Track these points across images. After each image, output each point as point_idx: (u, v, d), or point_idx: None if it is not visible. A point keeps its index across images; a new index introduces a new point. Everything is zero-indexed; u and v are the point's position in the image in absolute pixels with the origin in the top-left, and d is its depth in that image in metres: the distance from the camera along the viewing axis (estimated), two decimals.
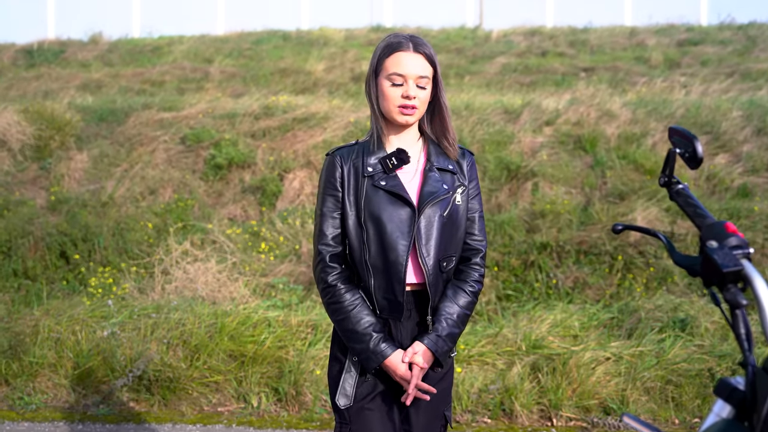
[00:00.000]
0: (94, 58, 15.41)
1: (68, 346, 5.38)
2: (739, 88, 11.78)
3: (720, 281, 1.55)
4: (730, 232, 1.60)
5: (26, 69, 15.16)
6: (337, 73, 14.42)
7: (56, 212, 8.34)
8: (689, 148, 1.81)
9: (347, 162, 2.50)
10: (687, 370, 5.03)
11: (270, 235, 7.80)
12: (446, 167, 2.53)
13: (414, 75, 2.41)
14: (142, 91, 13.42)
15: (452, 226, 2.49)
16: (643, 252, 7.28)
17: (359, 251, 2.47)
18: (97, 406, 5.06)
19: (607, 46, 15.41)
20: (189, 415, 4.97)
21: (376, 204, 2.44)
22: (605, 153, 8.63)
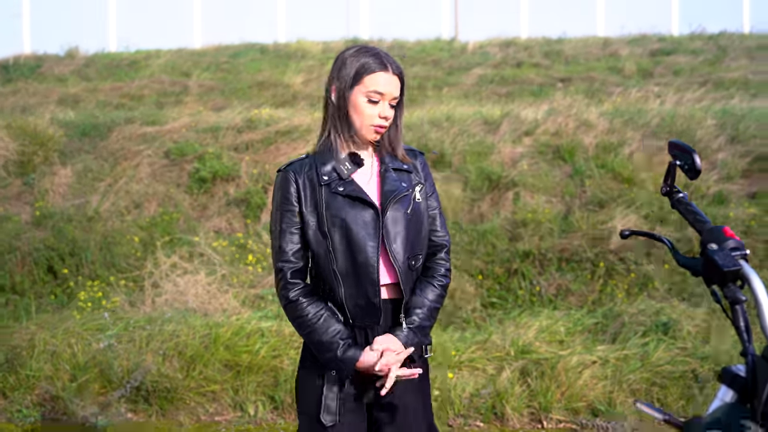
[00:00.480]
0: (71, 73, 15.39)
1: (64, 358, 5.46)
2: (712, 97, 11.97)
3: (720, 280, 1.73)
4: (728, 235, 1.77)
5: (2, 84, 15.09)
6: (315, 86, 14.48)
7: (42, 227, 8.38)
8: (688, 160, 1.96)
9: (301, 175, 2.45)
10: (671, 372, 5.20)
11: (256, 247, 7.90)
12: (401, 167, 2.52)
13: (390, 96, 2.43)
14: (120, 106, 13.42)
15: (417, 224, 2.47)
16: (623, 258, 7.44)
17: (325, 260, 2.41)
18: (95, 417, 5.14)
19: (582, 56, 15.54)
20: (187, 425, 5.08)
21: (337, 210, 2.40)
22: (584, 162, 8.78)
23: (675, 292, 7.10)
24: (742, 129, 9.11)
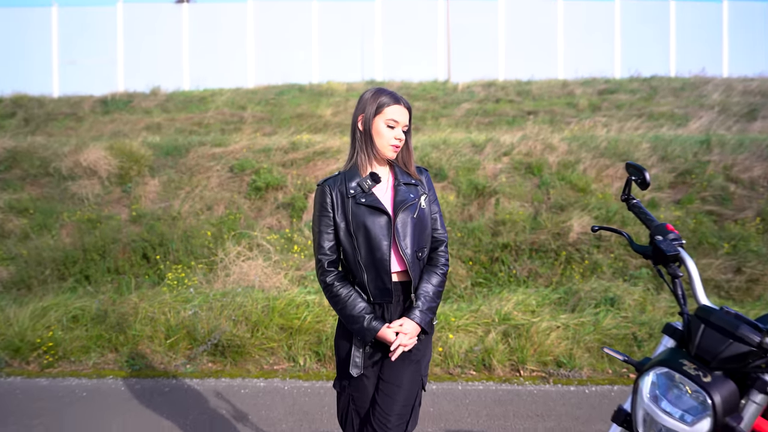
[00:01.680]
0: (154, 106, 15.48)
1: (160, 322, 5.63)
2: (647, 126, 12.01)
3: (664, 262, 1.89)
4: (669, 230, 1.94)
5: (102, 115, 15.21)
6: (341, 117, 14.54)
7: (137, 224, 8.53)
8: (641, 176, 2.10)
9: (334, 189, 2.51)
10: (616, 334, 5.31)
11: (300, 240, 8.02)
12: (410, 182, 2.57)
13: (403, 123, 2.53)
14: (193, 132, 13.51)
15: (421, 225, 2.52)
16: (579, 249, 7.54)
17: (352, 254, 2.47)
18: (184, 366, 5.30)
19: (545, 94, 15.54)
20: (253, 372, 5.22)
21: (360, 217, 2.45)
22: (549, 176, 8.86)
23: (618, 274, 7.20)
24: (670, 151, 9.18)
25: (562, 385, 4.82)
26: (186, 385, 4.95)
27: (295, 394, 4.70)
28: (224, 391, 4.77)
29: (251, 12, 18.10)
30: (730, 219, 8.00)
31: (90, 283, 7.57)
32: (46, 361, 5.39)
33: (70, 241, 8.07)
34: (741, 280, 6.99)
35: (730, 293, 6.82)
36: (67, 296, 6.48)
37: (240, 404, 4.50)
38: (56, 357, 5.43)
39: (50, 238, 8.18)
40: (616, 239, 7.61)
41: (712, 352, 1.65)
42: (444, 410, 4.32)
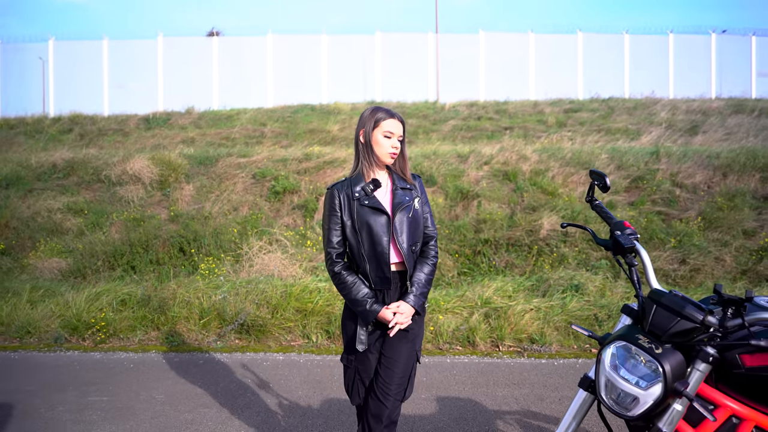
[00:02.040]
0: (189, 123, 15.46)
1: (195, 305, 5.62)
2: (605, 140, 12.03)
3: (623, 253, 1.89)
4: (626, 226, 1.94)
5: (145, 131, 15.21)
6: (347, 132, 14.53)
7: (175, 222, 8.53)
8: (602, 181, 2.10)
9: (342, 192, 2.50)
10: (580, 316, 5.32)
11: (312, 236, 8.02)
12: (406, 186, 2.56)
13: (398, 134, 2.51)
14: (221, 145, 13.50)
15: (415, 223, 2.51)
16: (549, 244, 7.55)
17: (357, 248, 2.47)
18: (215, 342, 5.30)
19: (520, 113, 15.54)
20: (273, 347, 5.22)
21: (364, 216, 2.46)
22: (522, 182, 8.86)
23: (582, 265, 7.20)
24: (625, 160, 9.18)
25: (535, 359, 4.82)
26: (217, 358, 4.95)
27: (309, 366, 4.70)
28: (249, 364, 4.77)
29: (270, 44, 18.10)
30: (676, 218, 8.01)
31: (135, 272, 7.57)
32: (99, 338, 5.38)
33: (119, 237, 8.06)
34: (685, 270, 6.99)
35: (676, 281, 6.82)
36: (116, 283, 6.47)
37: (262, 375, 4.50)
38: (107, 335, 5.42)
39: (102, 235, 8.17)
40: (580, 235, 7.61)
41: (663, 328, 1.65)
42: (435, 380, 4.32)
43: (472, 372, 4.48)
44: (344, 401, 3.92)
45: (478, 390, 4.09)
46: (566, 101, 16.38)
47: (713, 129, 12.96)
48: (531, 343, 5.09)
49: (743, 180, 8.62)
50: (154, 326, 5.55)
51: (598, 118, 14.55)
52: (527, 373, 4.45)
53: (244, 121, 15.45)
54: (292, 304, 5.55)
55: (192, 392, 4.13)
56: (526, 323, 5.20)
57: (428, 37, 18.25)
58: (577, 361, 4.76)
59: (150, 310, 5.68)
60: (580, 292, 5.76)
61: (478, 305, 5.49)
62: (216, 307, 5.58)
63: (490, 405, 3.81)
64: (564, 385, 4.18)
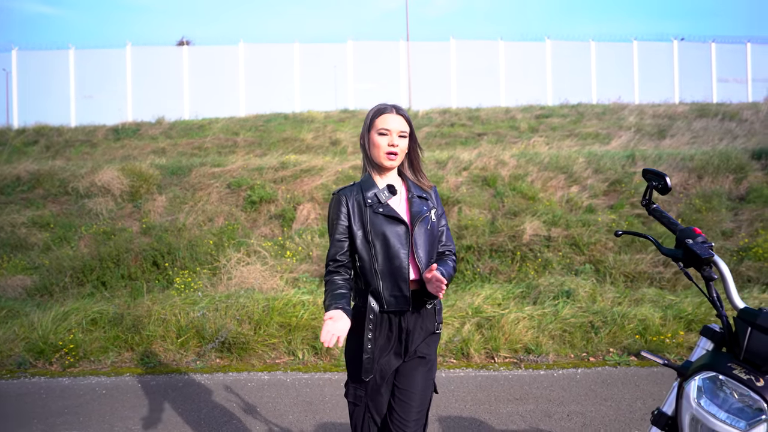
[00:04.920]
0: (159, 134, 14.90)
1: (172, 323, 5.20)
2: (579, 144, 11.97)
3: (697, 264, 1.59)
4: (698, 233, 1.64)
5: (114, 142, 14.59)
6: (321, 140, 14.19)
7: (147, 235, 8.06)
8: (661, 181, 1.79)
9: (350, 198, 2.18)
10: (574, 323, 5.08)
11: (291, 246, 7.67)
12: (422, 195, 2.24)
13: (396, 129, 2.16)
14: (193, 154, 13.00)
15: (432, 236, 2.21)
16: (532, 249, 7.32)
17: (369, 262, 2.13)
18: (195, 362, 4.90)
19: (492, 119, 15.44)
20: (257, 366, 4.85)
21: (378, 225, 2.13)
22: (502, 187, 8.67)
23: (566, 270, 7.00)
24: (602, 164, 9.06)
25: (533, 370, 4.55)
26: (197, 380, 4.55)
27: (297, 386, 4.34)
28: (232, 385, 4.38)
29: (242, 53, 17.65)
30: (655, 221, 7.87)
31: (106, 288, 7.08)
32: (68, 361, 4.92)
33: (88, 251, 7.56)
34: (669, 272, 6.84)
35: (661, 283, 6.66)
36: (85, 301, 5.99)
37: (248, 397, 4.12)
38: (77, 357, 4.96)
39: (69, 249, 7.66)
40: (563, 239, 7.41)
41: (764, 356, 1.37)
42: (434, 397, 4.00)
43: (470, 387, 4.18)
44: (340, 425, 3.57)
45: (480, 407, 3.79)
46: (537, 107, 16.35)
47: (680, 132, 13.02)
48: (527, 353, 4.81)
49: (718, 181, 8.56)
50: (128, 347, 5.11)
51: (568, 124, 14.52)
52: (528, 387, 4.17)
53: (216, 131, 14.98)
54: (276, 319, 5.18)
55: (172, 420, 3.72)
56: (520, 332, 4.93)
57: (400, 45, 18.05)
58: (576, 371, 4.50)
59: (123, 330, 5.23)
60: (572, 298, 5.52)
61: (470, 315, 5.21)
62: (194, 324, 5.16)
63: (496, 424, 3.51)
64: (569, 399, 3.91)
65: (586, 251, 7.27)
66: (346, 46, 17.91)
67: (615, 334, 4.96)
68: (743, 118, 14.12)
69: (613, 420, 3.57)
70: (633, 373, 4.43)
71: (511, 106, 16.64)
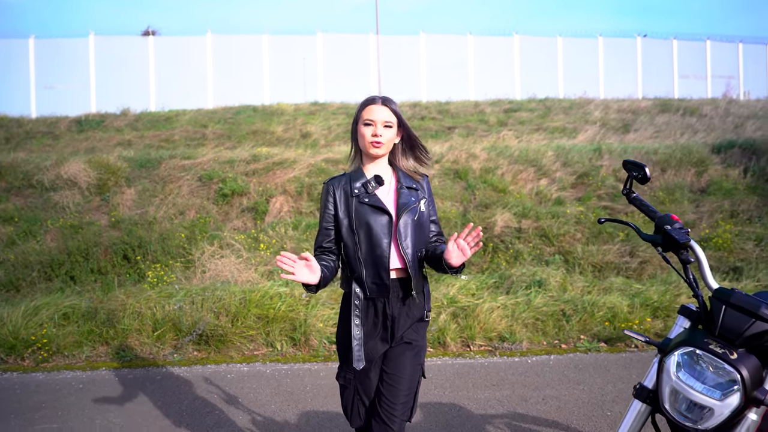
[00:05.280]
0: (125, 125, 14.59)
1: (147, 316, 5.17)
2: (547, 138, 12.22)
3: (674, 249, 1.70)
4: (675, 220, 1.75)
5: (77, 133, 14.22)
6: (291, 133, 14.12)
7: (117, 229, 7.94)
8: (641, 172, 1.89)
9: (339, 188, 2.27)
10: (546, 312, 5.23)
11: (265, 239, 7.65)
12: (412, 186, 2.30)
13: (381, 120, 2.21)
14: (161, 147, 12.76)
15: (420, 227, 2.28)
16: (503, 240, 7.49)
17: (353, 250, 2.23)
18: (172, 355, 4.88)
19: (461, 113, 15.58)
20: (236, 358, 4.87)
21: (363, 215, 2.21)
22: (473, 180, 8.80)
23: (536, 260, 7.18)
24: (570, 157, 9.29)
25: (507, 357, 4.69)
26: (175, 373, 4.54)
27: (278, 377, 4.38)
28: (212, 377, 4.40)
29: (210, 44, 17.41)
30: (621, 212, 8.14)
31: (75, 283, 6.96)
32: (41, 356, 4.84)
33: (55, 245, 7.41)
34: (635, 262, 7.08)
35: (627, 273, 6.89)
36: (56, 296, 5.88)
37: (229, 389, 4.15)
38: (50, 352, 4.89)
39: (36, 244, 7.49)
40: (533, 231, 7.59)
41: (736, 331, 1.49)
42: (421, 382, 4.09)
43: (447, 374, 4.29)
44: (322, 414, 3.64)
45: (458, 393, 3.90)
46: (505, 101, 16.58)
47: (644, 127, 13.40)
48: (501, 341, 4.95)
49: (680, 174, 8.88)
50: (103, 341, 5.05)
51: (536, 118, 14.78)
52: (503, 373, 4.31)
53: (183, 123, 14.75)
54: (253, 311, 5.19)
55: (154, 413, 3.73)
56: (494, 321, 5.07)
57: (369, 38, 18.06)
58: (549, 357, 4.66)
59: (97, 324, 5.17)
60: (543, 287, 5.69)
61: (445, 305, 5.33)
62: (170, 317, 5.14)
63: (475, 409, 3.63)
64: (544, 384, 4.05)
65: (556, 242, 7.47)
66: (316, 38, 17.84)
67: (585, 321, 5.14)
68: (703, 114, 14.61)
69: (586, 402, 3.72)
70: (603, 359, 4.61)
71: (480, 100, 16.84)
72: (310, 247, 7.27)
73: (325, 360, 4.75)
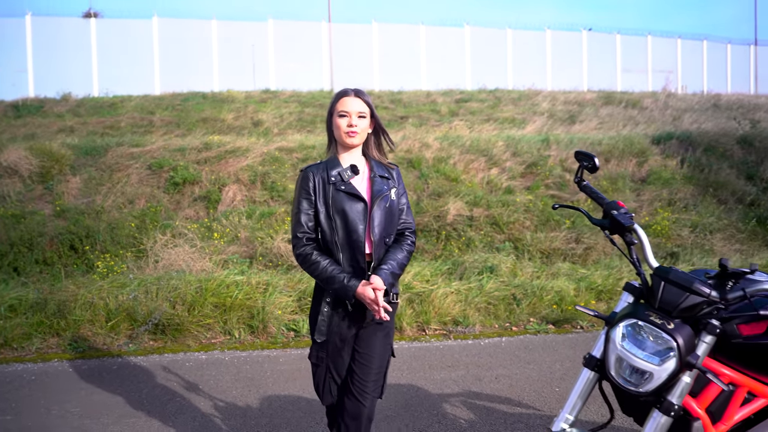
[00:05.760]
0: (66, 111, 14.05)
1: (100, 307, 5.10)
2: (497, 128, 12.52)
3: (620, 232, 1.87)
4: (620, 205, 1.92)
5: (14, 119, 13.63)
6: (242, 121, 13.96)
7: (62, 218, 7.71)
8: (591, 161, 2.04)
9: (317, 175, 2.36)
10: (498, 296, 5.44)
11: (219, 228, 7.61)
12: (384, 175, 2.43)
13: (355, 111, 2.34)
14: (105, 134, 12.39)
15: (390, 214, 2.39)
16: (456, 228, 7.68)
17: (330, 235, 2.33)
18: (127, 345, 4.85)
19: (414, 102, 15.74)
20: (193, 346, 4.87)
21: (339, 202, 2.32)
22: (426, 169, 8.96)
23: (487, 248, 7.42)
24: (519, 147, 9.57)
25: (461, 340, 4.88)
26: (132, 362, 4.52)
27: (237, 364, 4.43)
28: (170, 366, 4.40)
29: (156, 28, 16.93)
30: (568, 200, 8.48)
31: (20, 274, 6.75)
32: None
33: None
34: (580, 249, 7.42)
35: (573, 259, 7.22)
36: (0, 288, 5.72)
37: (188, 376, 4.17)
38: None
39: None
40: (484, 219, 7.83)
41: (673, 304, 1.67)
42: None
43: (405, 357, 4.44)
44: (285, 398, 3.72)
45: (416, 375, 4.06)
46: (457, 91, 16.84)
47: (589, 118, 13.91)
48: (455, 325, 5.15)
49: (623, 164, 9.31)
50: (54, 332, 4.96)
51: (486, 108, 15.10)
52: (457, 355, 4.49)
53: (129, 109, 14.35)
54: (210, 300, 5.20)
55: (112, 401, 3.72)
56: (448, 306, 5.25)
57: (321, 26, 17.99)
58: (501, 339, 4.88)
59: (47, 315, 5.06)
60: (495, 273, 5.91)
61: (401, 291, 5.46)
62: (124, 307, 5.09)
63: (432, 389, 3.79)
64: (496, 365, 4.26)
65: (506, 230, 7.74)
66: (267, 24, 17.62)
67: (534, 305, 5.39)
68: (644, 106, 15.28)
69: (536, 380, 3.94)
70: (551, 340, 4.86)
71: (432, 90, 17.05)
72: (265, 236, 7.29)
73: (284, 347, 4.82)
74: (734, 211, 8.25)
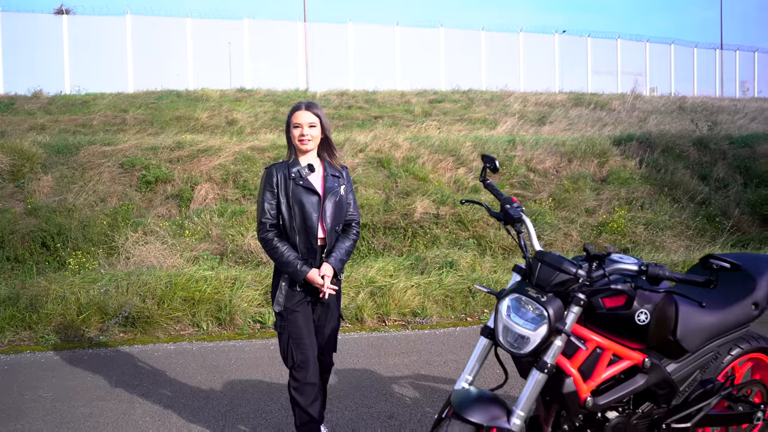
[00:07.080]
0: (37, 109, 14.13)
1: (71, 301, 5.33)
2: (468, 128, 12.91)
3: (512, 222, 2.24)
4: (514, 201, 2.29)
5: None
6: (216, 120, 14.17)
7: (34, 216, 7.89)
8: (493, 163, 2.44)
9: (279, 171, 2.84)
10: (456, 289, 5.78)
11: (191, 226, 7.84)
12: (335, 174, 2.91)
13: (306, 122, 2.81)
14: (77, 132, 12.52)
15: (340, 207, 2.89)
16: (422, 226, 8.04)
17: (289, 221, 2.82)
18: (98, 337, 5.10)
19: (388, 102, 16.07)
20: (162, 338, 5.13)
21: (298, 195, 2.80)
22: (396, 168, 9.29)
23: (452, 244, 7.77)
24: (486, 148, 9.95)
25: (419, 330, 5.22)
26: (102, 353, 4.77)
27: (203, 353, 4.72)
28: (139, 355, 4.67)
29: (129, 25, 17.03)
30: (531, 199, 8.90)
31: None
32: None
33: None
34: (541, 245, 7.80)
35: None
36: None
37: (156, 365, 4.45)
38: None
39: None
40: (450, 217, 8.19)
41: (546, 281, 2.03)
42: None
43: (363, 346, 4.77)
44: (247, 382, 4.03)
45: (370, 361, 4.39)
46: (431, 92, 17.21)
47: (558, 120, 14.39)
48: (414, 316, 5.48)
49: (584, 165, 9.76)
50: (26, 326, 5.19)
51: (459, 109, 15.49)
52: (413, 343, 4.84)
53: (102, 107, 14.45)
54: (179, 294, 5.47)
55: (83, 387, 4.00)
56: (408, 299, 5.59)
57: (297, 26, 18.25)
58: (455, 329, 5.23)
59: (19, 309, 5.29)
60: (454, 268, 6.26)
61: (364, 284, 5.79)
62: (95, 301, 5.34)
63: (384, 372, 4.13)
64: (447, 351, 4.61)
65: (471, 227, 8.12)
66: (242, 23, 17.82)
67: (489, 297, 5.76)
68: (612, 108, 15.82)
69: None
70: None
71: (407, 90, 17.41)
72: (236, 233, 7.57)
73: (249, 337, 5.11)
74: (686, 209, 8.74)
